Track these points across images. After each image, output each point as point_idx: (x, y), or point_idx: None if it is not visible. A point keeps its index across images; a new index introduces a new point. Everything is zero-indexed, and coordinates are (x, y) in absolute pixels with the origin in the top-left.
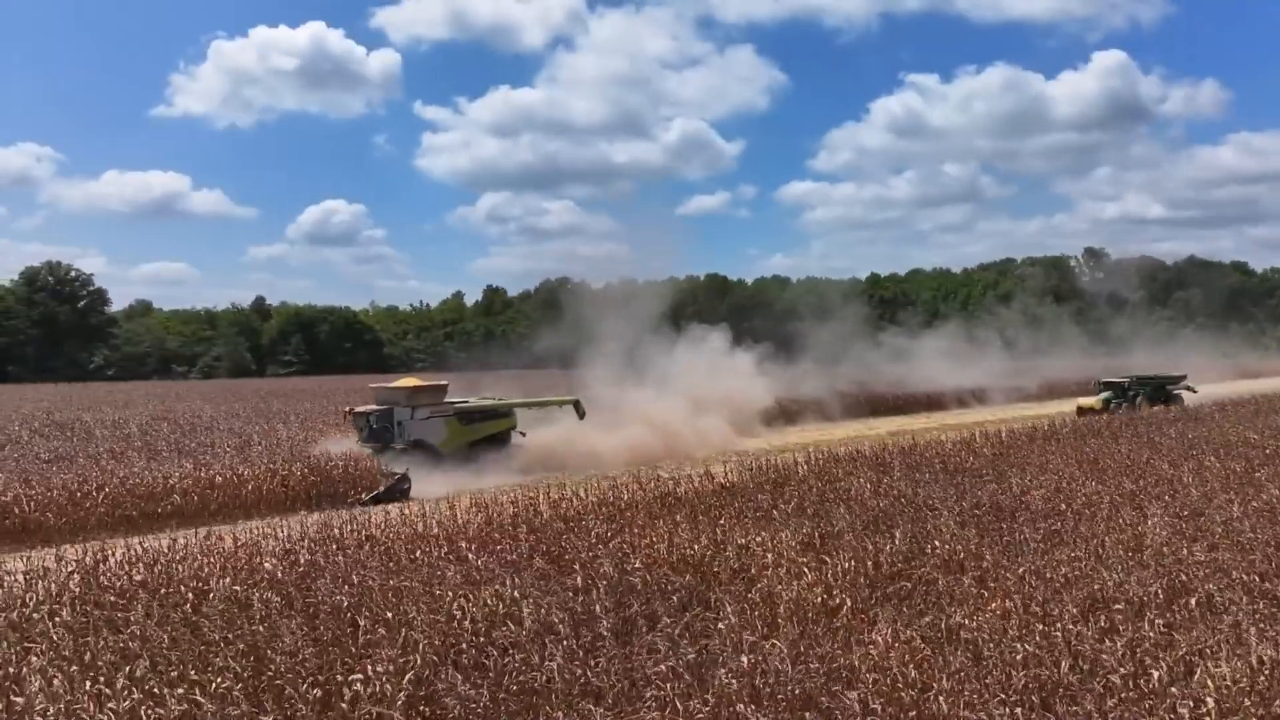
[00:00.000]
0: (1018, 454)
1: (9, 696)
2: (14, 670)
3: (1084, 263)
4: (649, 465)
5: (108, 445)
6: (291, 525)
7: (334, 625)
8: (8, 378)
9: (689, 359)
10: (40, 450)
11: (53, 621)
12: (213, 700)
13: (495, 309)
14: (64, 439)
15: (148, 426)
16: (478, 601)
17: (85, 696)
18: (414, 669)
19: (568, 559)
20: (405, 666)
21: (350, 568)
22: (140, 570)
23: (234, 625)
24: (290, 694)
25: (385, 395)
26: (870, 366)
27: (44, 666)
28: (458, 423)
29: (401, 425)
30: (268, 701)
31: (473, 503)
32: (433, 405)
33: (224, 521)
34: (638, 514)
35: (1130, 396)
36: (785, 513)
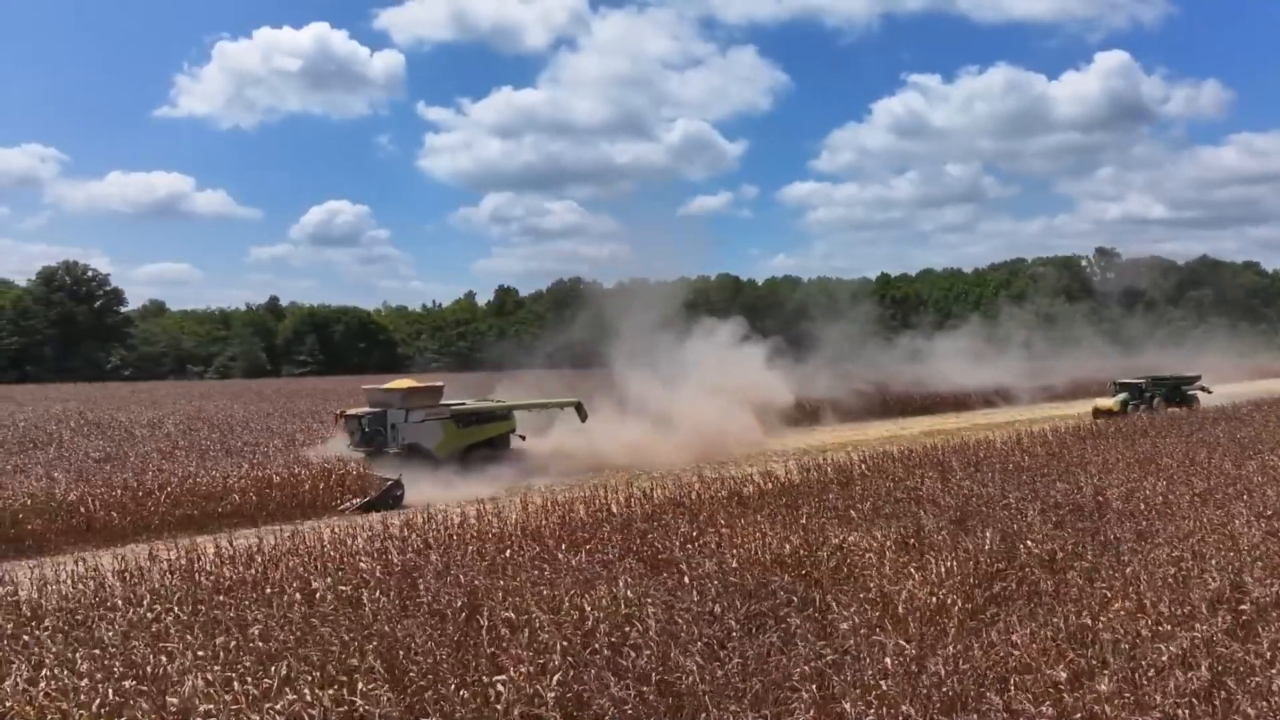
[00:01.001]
0: (1071, 453)
1: (165, 697)
2: (155, 670)
3: (1095, 262)
4: (690, 465)
5: (153, 445)
6: (370, 524)
7: (454, 625)
8: (26, 377)
9: (711, 358)
10: (88, 450)
11: (169, 620)
12: (366, 701)
13: (507, 309)
14: (106, 439)
15: (185, 426)
16: (595, 601)
17: (239, 698)
18: (559, 670)
19: (662, 558)
20: (547, 667)
21: (448, 567)
22: (237, 569)
23: (360, 625)
24: (443, 694)
25: (378, 397)
26: (885, 366)
27: (185, 666)
28: (454, 425)
29: (395, 428)
30: (420, 702)
31: (545, 501)
32: (428, 407)
33: (282, 521)
34: (717, 513)
35: (1147, 398)
36: (863, 512)
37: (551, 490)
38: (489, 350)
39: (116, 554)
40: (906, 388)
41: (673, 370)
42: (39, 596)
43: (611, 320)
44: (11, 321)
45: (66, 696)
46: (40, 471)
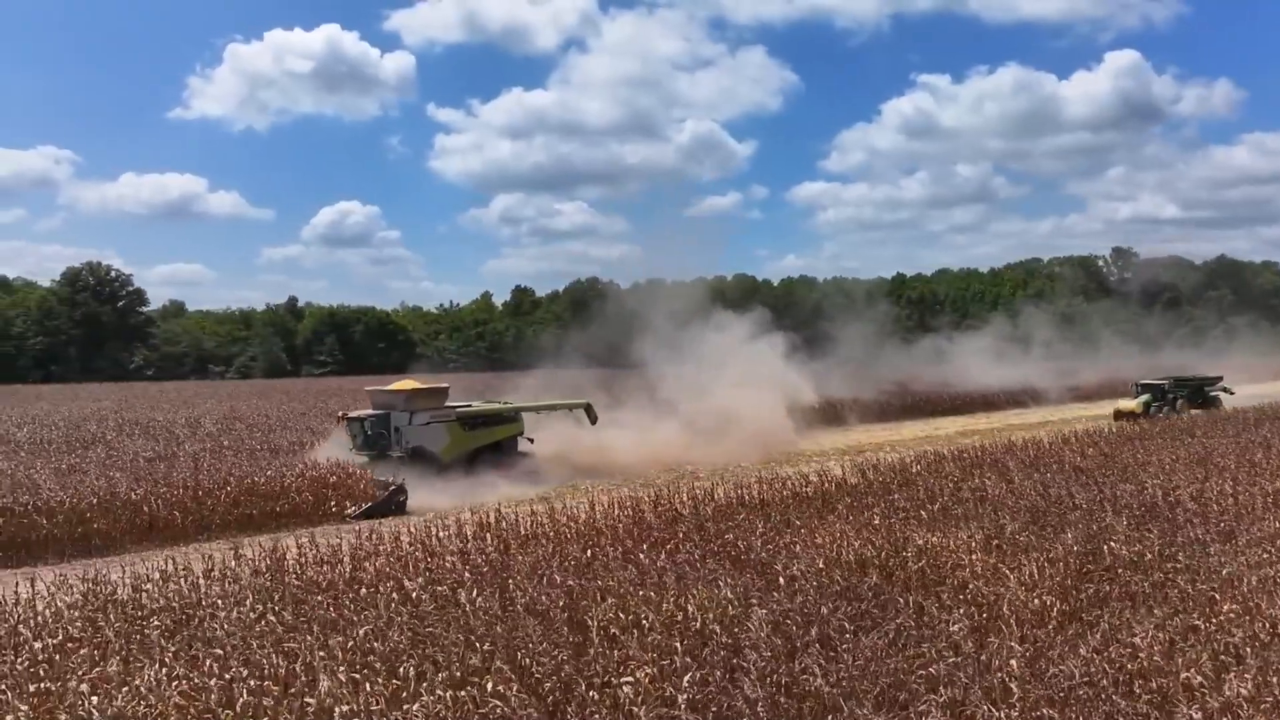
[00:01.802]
0: (1123, 454)
1: (302, 698)
2: (276, 669)
3: (1112, 262)
4: (732, 465)
5: (198, 445)
6: (444, 524)
7: (569, 627)
8: (51, 377)
9: (739, 359)
10: (135, 449)
11: (274, 620)
12: (503, 702)
13: (524, 309)
14: (150, 438)
15: (223, 425)
16: (698, 602)
17: (373, 699)
18: (686, 670)
19: (745, 558)
20: (672, 669)
21: (535, 567)
22: (323, 568)
23: (466, 625)
24: (575, 695)
25: (381, 399)
26: (905, 366)
27: (311, 666)
28: (460, 428)
29: (399, 431)
30: (552, 704)
31: (612, 501)
32: (433, 409)
33: (340, 521)
34: (787, 513)
35: (1170, 399)
36: (933, 513)
37: (589, 491)
38: (509, 350)
39: (186, 553)
40: (932, 388)
41: (702, 370)
42: (138, 595)
43: (639, 320)
44: (37, 322)
45: (200, 696)
46: (96, 471)
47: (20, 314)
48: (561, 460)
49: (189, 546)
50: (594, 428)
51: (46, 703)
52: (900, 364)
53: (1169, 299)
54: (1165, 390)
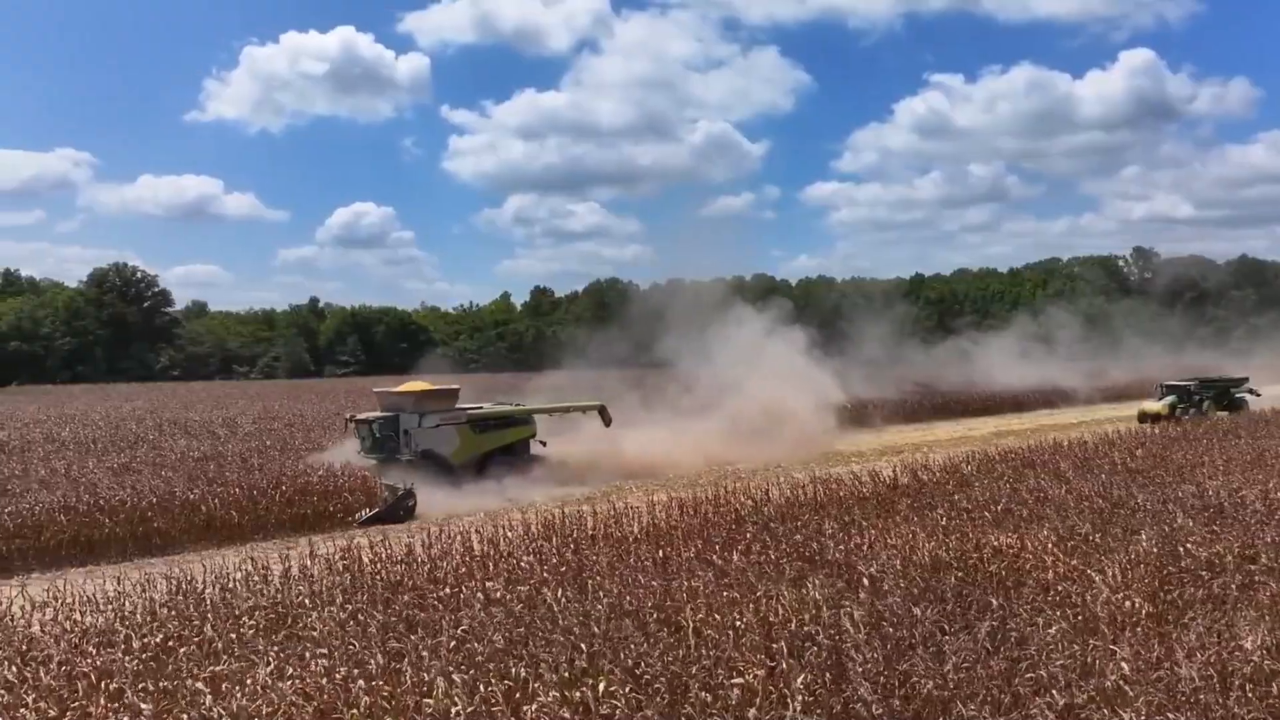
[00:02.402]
0: (1172, 454)
1: (420, 698)
2: (384, 667)
3: (1132, 262)
4: (772, 465)
5: (242, 444)
6: (512, 524)
7: (668, 629)
8: (78, 377)
9: (769, 359)
10: (181, 449)
11: (365, 618)
12: (619, 702)
13: (543, 309)
14: (191, 438)
15: (262, 425)
16: (788, 603)
17: (489, 699)
18: (801, 673)
19: (816, 559)
20: (778, 671)
21: (613, 567)
22: (399, 567)
23: (558, 625)
24: (690, 697)
25: (390, 401)
26: (929, 366)
27: (418, 666)
28: (470, 431)
29: (408, 434)
30: (665, 704)
31: (671, 501)
32: (443, 412)
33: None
34: (850, 513)
35: (1196, 401)
36: (997, 514)
37: (633, 491)
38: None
39: (246, 551)
40: (958, 388)
41: (734, 369)
42: (225, 594)
43: (666, 319)
44: (65, 322)
45: (316, 696)
46: (149, 471)
47: (48, 314)
48: (599, 462)
49: (246, 546)
50: (632, 428)
51: (164, 701)
52: (922, 364)
53: (1191, 299)
54: (1191, 392)
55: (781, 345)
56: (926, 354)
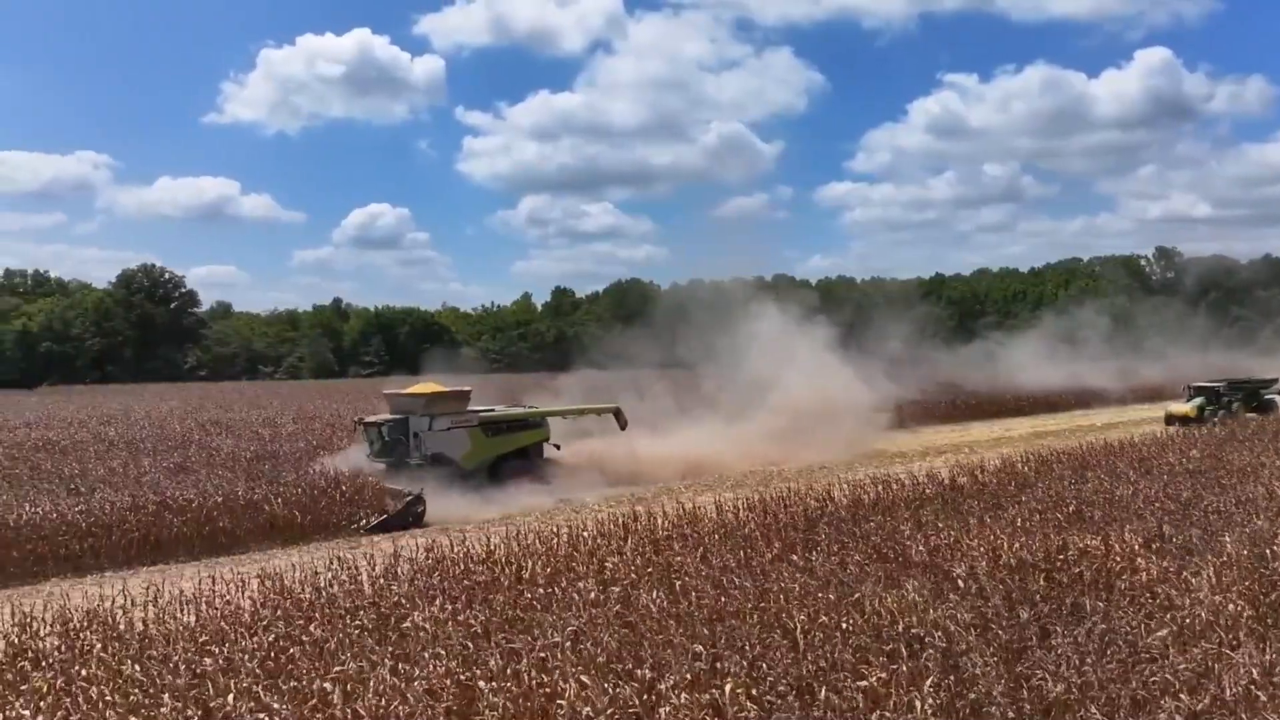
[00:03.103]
0: (1231, 456)
1: (553, 700)
2: (506, 668)
3: (1154, 261)
4: (819, 466)
5: (289, 444)
6: (583, 522)
7: (786, 632)
8: (107, 377)
9: (802, 359)
10: (231, 449)
11: (468, 618)
12: (755, 705)
13: (564, 309)
14: (236, 437)
15: (302, 426)
16: (889, 605)
17: (626, 702)
18: (929, 675)
19: (899, 560)
20: (899, 673)
21: (698, 568)
22: (482, 566)
23: (657, 626)
24: (827, 696)
25: (400, 403)
26: (955, 367)
27: (538, 661)
28: (482, 434)
29: (418, 437)
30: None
31: (743, 502)
32: (454, 414)
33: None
34: (919, 513)
35: (1225, 402)
36: (1068, 515)
37: (682, 492)
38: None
39: (308, 551)
40: (989, 388)
41: (768, 369)
42: (320, 595)
43: (699, 319)
44: (94, 323)
45: (443, 696)
46: (206, 471)
47: (78, 315)
48: (642, 463)
49: (309, 545)
50: (671, 429)
51: (293, 701)
52: (947, 364)
53: (1216, 298)
54: (1220, 393)
55: (813, 344)
56: (953, 354)
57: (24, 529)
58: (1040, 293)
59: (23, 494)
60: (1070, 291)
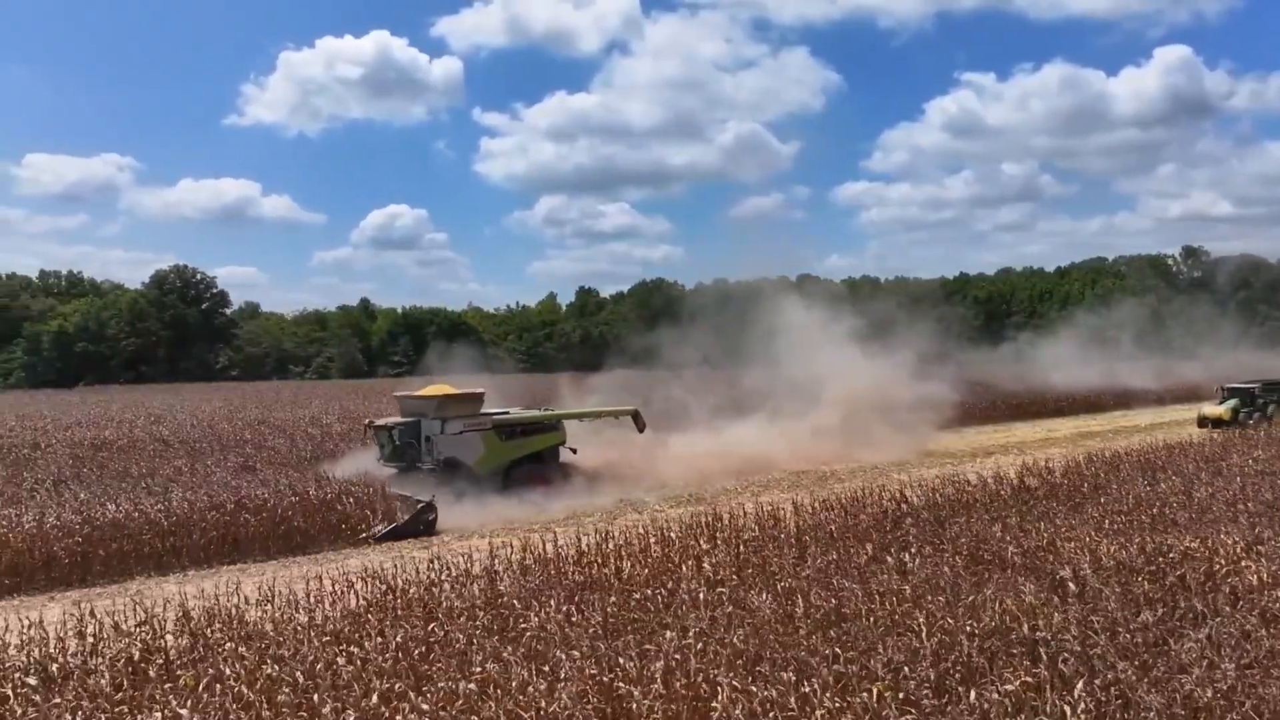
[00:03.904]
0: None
1: (693, 701)
2: (643, 671)
3: (1181, 261)
4: (872, 466)
5: (340, 445)
6: (665, 521)
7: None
8: (141, 378)
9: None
10: (287, 449)
11: (580, 619)
12: (912, 709)
13: (589, 309)
14: (288, 438)
15: (350, 426)
16: (1010, 609)
17: (770, 706)
18: (1080, 679)
19: (996, 562)
20: (1040, 677)
21: (795, 568)
22: (579, 566)
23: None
24: (976, 700)
25: (411, 405)
26: (986, 366)
27: (680, 663)
28: (496, 438)
29: (430, 441)
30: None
31: (819, 502)
32: (466, 417)
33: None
34: (1003, 513)
35: (1260, 404)
36: (1153, 516)
37: (740, 494)
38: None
39: (385, 552)
40: (1025, 389)
41: (810, 368)
42: (413, 591)
43: (734, 318)
44: (128, 324)
45: (588, 698)
46: (271, 471)
47: (113, 316)
48: (691, 465)
49: (383, 545)
50: (717, 428)
51: (442, 703)
52: (979, 365)
53: (1244, 298)
54: (1255, 395)
55: (851, 343)
56: (984, 354)
57: (107, 527)
58: (1066, 292)
59: (101, 493)
60: (1097, 291)
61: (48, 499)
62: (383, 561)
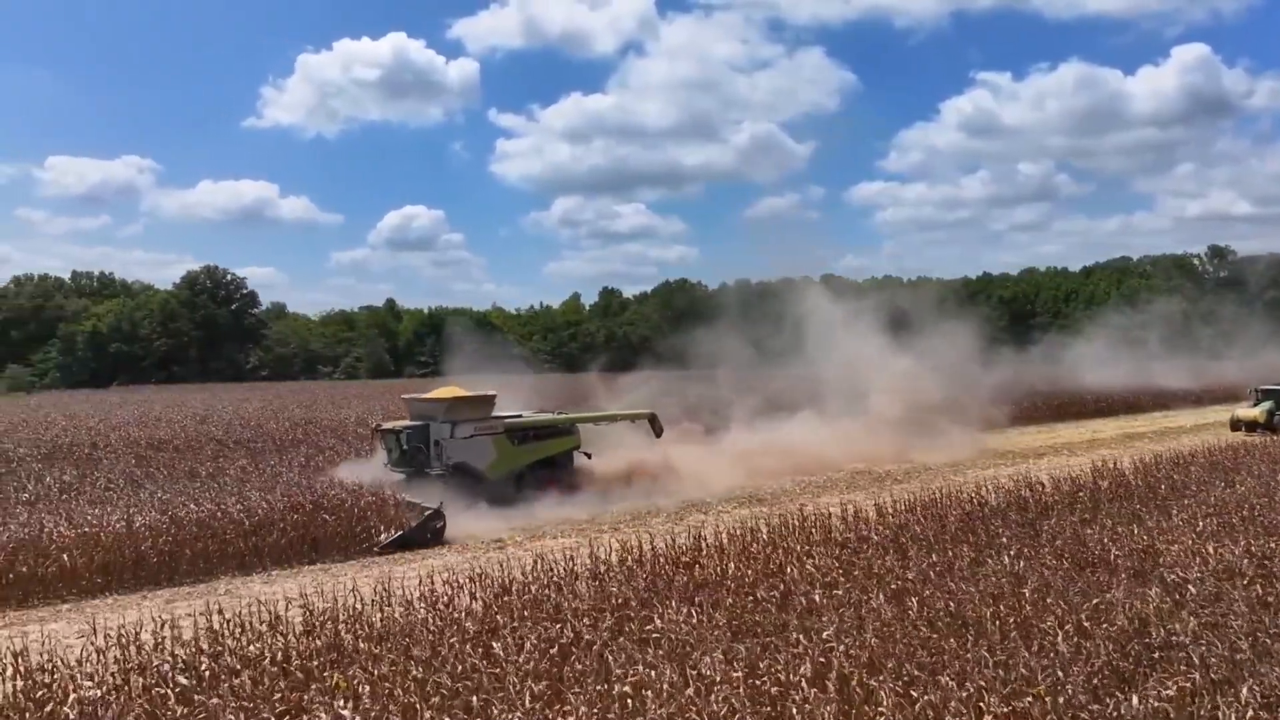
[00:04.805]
0: None
1: (849, 707)
2: (788, 676)
3: (1207, 261)
4: (924, 467)
5: None
6: (741, 521)
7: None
8: (173, 378)
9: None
10: (345, 449)
11: (716, 621)
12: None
13: (613, 310)
14: (339, 438)
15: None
16: (1141, 610)
17: (940, 707)
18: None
19: (1100, 563)
20: (1197, 682)
21: (898, 570)
22: (668, 567)
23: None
24: (1141, 704)
25: (420, 408)
26: (1016, 367)
27: (829, 666)
28: (508, 442)
29: (440, 445)
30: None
31: (901, 503)
32: (477, 420)
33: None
34: (1094, 512)
35: None
36: (1242, 517)
37: (802, 494)
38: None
39: (462, 552)
40: (1056, 390)
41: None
42: (539, 591)
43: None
44: (160, 324)
45: (739, 701)
46: (343, 471)
47: (145, 316)
48: (741, 465)
49: (455, 544)
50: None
51: (599, 704)
52: (1010, 366)
53: (1273, 298)
54: None
55: (892, 342)
56: (1015, 355)
57: (192, 526)
58: (1091, 292)
59: (178, 492)
60: (1123, 291)
61: (130, 499)
62: (472, 561)
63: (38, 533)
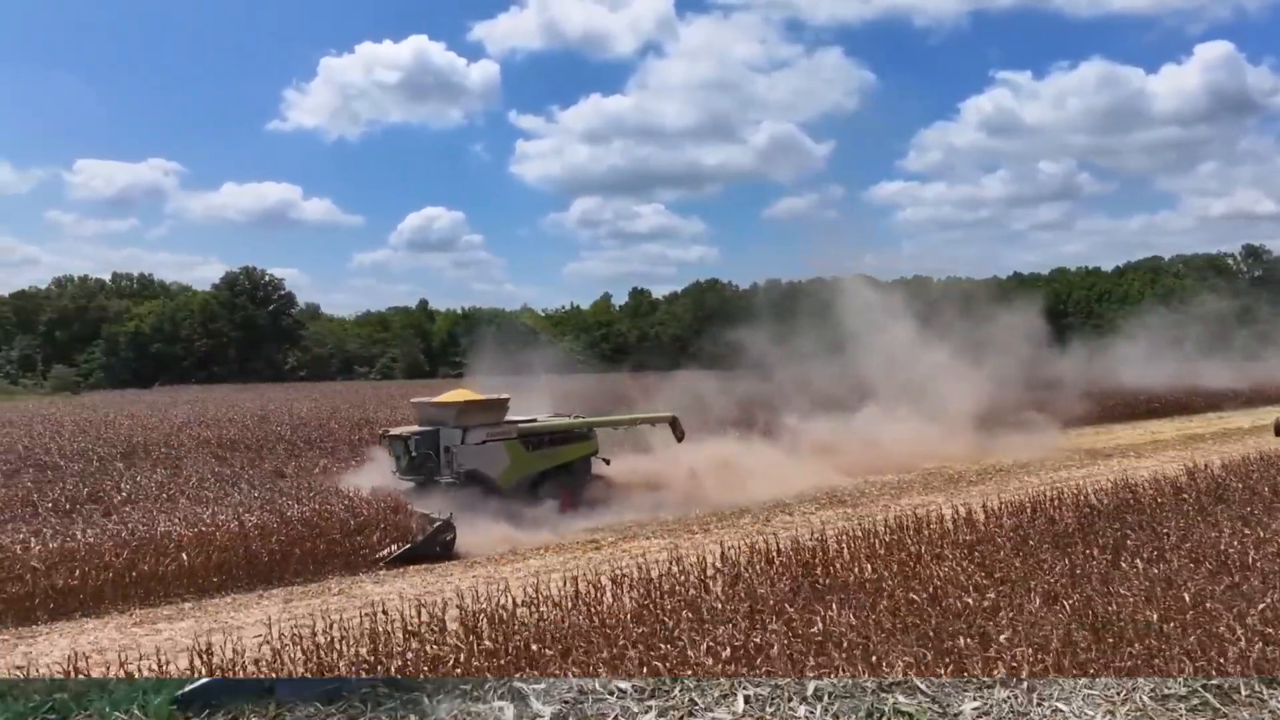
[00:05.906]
0: None
1: None
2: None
3: (1242, 260)
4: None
5: None
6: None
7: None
8: (213, 378)
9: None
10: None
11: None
12: None
13: (643, 310)
14: None
15: None
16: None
17: None
18: None
19: (1229, 565)
20: None
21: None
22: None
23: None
24: None
25: (429, 413)
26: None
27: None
28: (522, 448)
29: (450, 452)
30: None
31: (1006, 505)
32: (490, 425)
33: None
34: (1205, 517)
35: None
36: None
37: (883, 494)
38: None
39: (573, 550)
40: (1100, 390)
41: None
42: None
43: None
44: (201, 324)
45: None
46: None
47: (186, 317)
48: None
49: (565, 542)
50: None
51: None
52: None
53: None
54: None
55: (939, 341)
56: (1056, 354)
57: (298, 525)
58: (1125, 292)
59: (272, 491)
60: (1157, 290)
61: (231, 498)
62: (570, 561)
63: (155, 532)
